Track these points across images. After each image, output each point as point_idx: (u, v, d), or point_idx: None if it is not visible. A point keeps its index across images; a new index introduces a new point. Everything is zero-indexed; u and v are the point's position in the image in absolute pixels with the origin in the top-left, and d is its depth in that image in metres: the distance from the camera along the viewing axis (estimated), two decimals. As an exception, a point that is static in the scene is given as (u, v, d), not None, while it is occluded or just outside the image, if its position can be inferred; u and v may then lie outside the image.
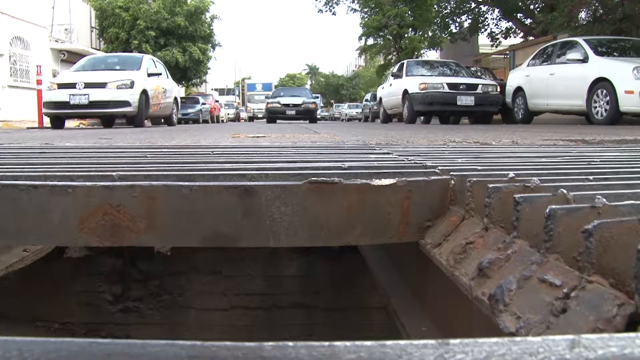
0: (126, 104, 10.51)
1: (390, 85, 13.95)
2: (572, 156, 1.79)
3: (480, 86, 11.56)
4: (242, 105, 42.79)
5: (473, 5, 23.76)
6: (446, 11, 25.17)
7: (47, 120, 11.67)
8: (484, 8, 23.59)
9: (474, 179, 0.98)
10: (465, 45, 25.95)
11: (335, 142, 2.87)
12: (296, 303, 2.71)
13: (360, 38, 30.21)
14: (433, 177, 1.11)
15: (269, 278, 2.70)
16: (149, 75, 11.46)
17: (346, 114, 36.27)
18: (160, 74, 12.50)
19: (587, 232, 0.58)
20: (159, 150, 2.15)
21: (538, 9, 20.76)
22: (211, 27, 26.15)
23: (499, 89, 11.86)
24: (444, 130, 6.19)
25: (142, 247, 2.14)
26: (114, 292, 2.61)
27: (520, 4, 21.20)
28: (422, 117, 14.09)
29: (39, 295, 2.54)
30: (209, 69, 27.41)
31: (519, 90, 11.54)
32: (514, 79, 12.05)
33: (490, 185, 0.88)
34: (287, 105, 18.09)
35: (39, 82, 12.93)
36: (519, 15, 21.92)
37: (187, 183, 1.06)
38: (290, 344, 0.35)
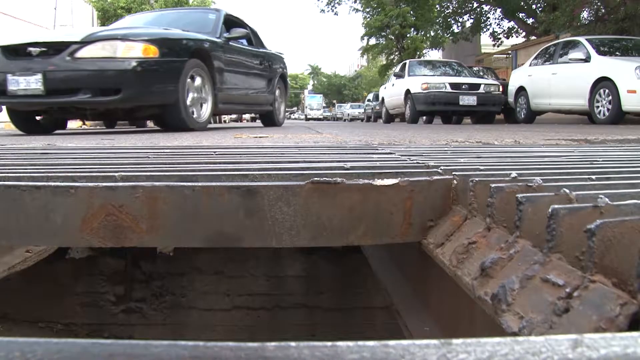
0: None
1: (393, 85, 13.97)
2: (575, 156, 1.79)
3: (482, 86, 11.57)
4: (244, 105, 42.76)
5: (475, 5, 23.76)
6: (448, 11, 25.19)
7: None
8: (486, 8, 23.60)
9: (477, 179, 0.98)
10: (467, 45, 25.96)
11: (338, 142, 2.87)
12: (299, 303, 2.71)
13: (362, 38, 30.27)
14: (435, 177, 1.11)
15: (272, 278, 2.70)
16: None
17: (348, 114, 36.31)
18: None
19: (589, 232, 0.58)
20: (161, 150, 2.15)
21: (540, 9, 20.77)
22: (212, 28, 26.18)
23: (501, 89, 11.87)
24: (447, 130, 6.19)
25: (144, 247, 2.14)
26: (117, 292, 2.62)
27: (522, 3, 21.20)
28: (424, 117, 14.11)
29: (41, 296, 2.55)
30: (210, 69, 27.38)
31: (521, 90, 11.54)
32: (516, 79, 12.05)
33: (493, 185, 0.88)
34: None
35: (41, 83, 12.89)
36: (521, 14, 21.92)
37: (189, 183, 1.06)
38: (293, 344, 0.35)
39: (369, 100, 27.63)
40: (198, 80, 5.96)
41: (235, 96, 7.11)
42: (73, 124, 13.62)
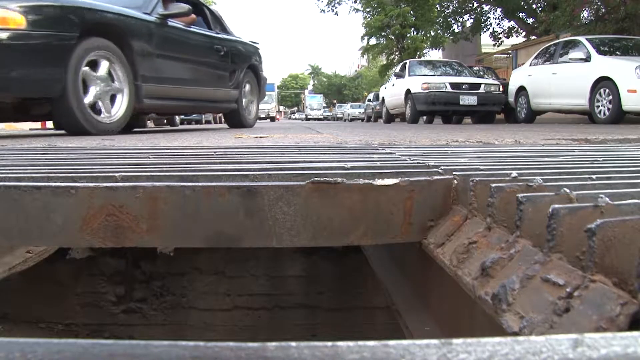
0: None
1: (393, 85, 13.97)
2: (575, 155, 1.79)
3: (482, 86, 11.58)
4: (244, 105, 42.90)
5: (475, 4, 23.76)
6: (448, 11, 25.22)
7: (49, 122, 11.70)
8: (486, 7, 23.60)
9: (477, 179, 0.98)
10: (467, 45, 25.97)
11: (338, 142, 2.87)
12: (299, 303, 2.71)
13: (362, 38, 30.32)
14: (436, 177, 1.11)
15: (272, 278, 2.70)
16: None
17: (349, 114, 36.30)
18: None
19: (590, 231, 0.58)
20: (162, 151, 2.15)
21: (540, 8, 20.77)
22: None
23: (501, 89, 11.88)
24: (447, 129, 6.19)
25: (145, 247, 2.14)
26: (117, 293, 2.62)
27: (522, 3, 21.20)
28: (424, 117, 14.12)
29: (42, 296, 2.55)
30: (210, 69, 27.30)
31: (521, 89, 11.55)
32: (516, 79, 12.06)
33: (493, 185, 0.88)
34: None
35: (41, 84, 12.85)
36: (521, 14, 21.94)
37: (189, 184, 1.06)
38: (293, 344, 0.35)
39: (369, 100, 27.59)
40: (105, 67, 4.54)
41: (174, 90, 5.58)
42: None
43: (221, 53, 6.48)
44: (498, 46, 23.92)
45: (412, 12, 25.99)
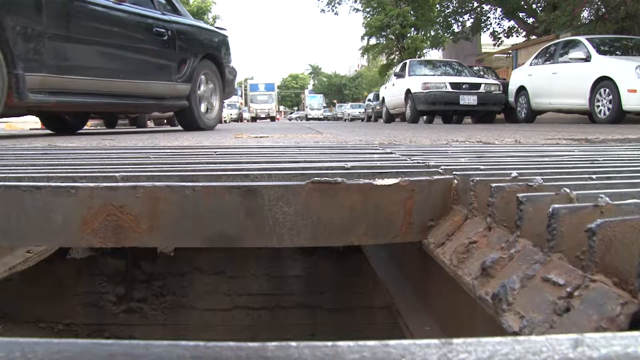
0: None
1: (393, 85, 13.97)
2: (575, 155, 1.79)
3: (482, 85, 11.57)
4: (244, 105, 43.04)
5: (475, 4, 23.75)
6: (448, 11, 25.20)
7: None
8: (486, 7, 23.58)
9: (477, 179, 0.98)
10: (467, 45, 25.95)
11: (338, 142, 2.87)
12: (299, 303, 2.71)
13: (362, 38, 30.32)
14: (436, 177, 1.11)
15: (272, 278, 2.70)
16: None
17: (349, 114, 36.30)
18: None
19: (590, 231, 0.58)
20: (162, 150, 2.15)
21: (540, 8, 20.76)
22: (213, 28, 26.18)
23: (501, 88, 11.86)
24: (447, 129, 6.18)
25: (145, 247, 2.14)
26: (118, 293, 2.62)
27: (522, 3, 21.19)
28: (424, 117, 14.12)
29: (42, 296, 2.55)
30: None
31: (521, 89, 11.54)
32: (516, 78, 12.06)
33: (493, 185, 0.88)
34: None
35: (41, 84, 12.77)
36: (521, 14, 21.92)
37: (190, 184, 1.06)
38: (294, 344, 0.35)
39: (369, 100, 27.55)
40: None
41: (84, 82, 4.31)
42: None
43: (164, 37, 5.24)
44: (498, 46, 23.89)
45: (412, 12, 26.00)
